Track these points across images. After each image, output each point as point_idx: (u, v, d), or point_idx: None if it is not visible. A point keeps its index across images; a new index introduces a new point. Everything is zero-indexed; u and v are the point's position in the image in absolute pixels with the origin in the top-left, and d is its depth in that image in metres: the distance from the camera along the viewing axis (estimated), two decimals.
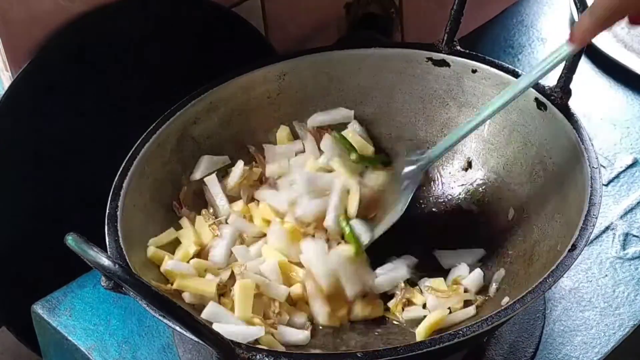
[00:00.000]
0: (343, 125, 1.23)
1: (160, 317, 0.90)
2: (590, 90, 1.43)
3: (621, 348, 1.11)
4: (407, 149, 1.21)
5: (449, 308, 1.06)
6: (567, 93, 1.11)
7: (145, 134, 1.12)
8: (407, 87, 1.23)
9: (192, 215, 1.13)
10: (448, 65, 1.20)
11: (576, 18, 1.09)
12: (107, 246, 1.00)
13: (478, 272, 1.10)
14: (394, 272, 1.09)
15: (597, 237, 1.22)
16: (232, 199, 1.16)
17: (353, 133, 1.21)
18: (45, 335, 1.20)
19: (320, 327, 1.06)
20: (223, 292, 1.05)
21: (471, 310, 1.04)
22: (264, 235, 1.12)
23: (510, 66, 1.17)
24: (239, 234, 1.12)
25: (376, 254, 1.11)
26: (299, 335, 1.02)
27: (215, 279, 1.05)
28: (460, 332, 0.90)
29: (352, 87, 1.24)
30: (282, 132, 1.22)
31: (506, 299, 1.03)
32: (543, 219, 1.10)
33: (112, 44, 1.22)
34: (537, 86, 1.13)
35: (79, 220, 1.09)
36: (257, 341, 0.98)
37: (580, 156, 1.05)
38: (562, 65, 1.10)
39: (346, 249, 1.08)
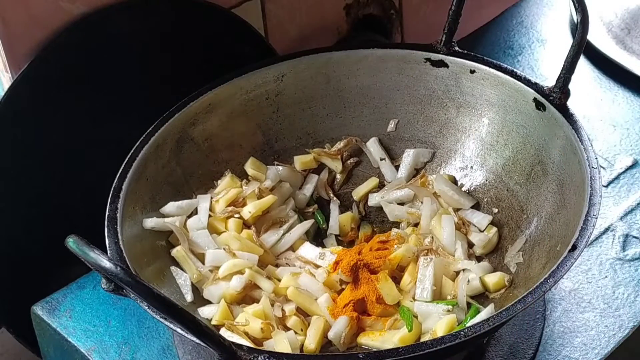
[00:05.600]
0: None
1: (161, 319, 0.90)
2: (590, 92, 1.43)
3: (621, 349, 1.11)
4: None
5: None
6: (566, 93, 1.11)
7: (144, 135, 1.12)
8: (406, 88, 1.23)
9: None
10: (446, 65, 1.20)
11: (575, 19, 1.09)
12: (107, 248, 1.00)
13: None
14: None
15: (597, 238, 1.22)
16: None
17: None
18: (45, 336, 1.20)
19: None
20: None
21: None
22: None
23: (508, 66, 1.17)
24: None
25: None
26: None
27: None
28: (461, 332, 0.90)
29: (350, 88, 1.24)
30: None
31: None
32: (542, 220, 1.10)
33: (112, 46, 1.22)
34: (535, 86, 1.14)
35: (79, 220, 1.10)
36: None
37: (579, 156, 1.06)
38: (560, 65, 1.10)
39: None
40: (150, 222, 1.09)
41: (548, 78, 1.43)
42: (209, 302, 1.08)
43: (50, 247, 1.07)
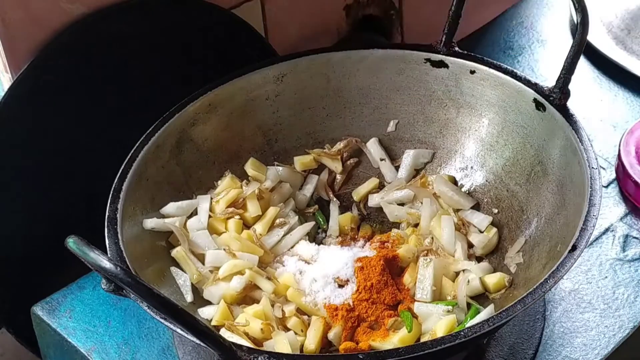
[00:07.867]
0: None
1: (161, 320, 0.90)
2: (590, 92, 1.43)
3: (621, 350, 1.11)
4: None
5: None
6: (566, 94, 1.11)
7: (144, 136, 1.12)
8: (406, 88, 1.23)
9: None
10: (446, 66, 1.20)
11: (575, 20, 1.09)
12: (107, 249, 1.00)
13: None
14: None
15: (597, 238, 1.22)
16: None
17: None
18: (45, 336, 1.20)
19: None
20: None
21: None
22: None
23: (508, 67, 1.17)
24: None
25: None
26: None
27: None
28: (461, 333, 0.90)
29: (350, 88, 1.24)
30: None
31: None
32: (542, 220, 1.10)
33: (112, 46, 1.22)
34: (535, 87, 1.14)
35: (79, 221, 1.10)
36: None
37: (579, 157, 1.06)
38: (560, 65, 1.10)
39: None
40: (150, 223, 1.09)
41: (548, 78, 1.43)
42: (209, 303, 1.08)
43: (50, 247, 1.07)
